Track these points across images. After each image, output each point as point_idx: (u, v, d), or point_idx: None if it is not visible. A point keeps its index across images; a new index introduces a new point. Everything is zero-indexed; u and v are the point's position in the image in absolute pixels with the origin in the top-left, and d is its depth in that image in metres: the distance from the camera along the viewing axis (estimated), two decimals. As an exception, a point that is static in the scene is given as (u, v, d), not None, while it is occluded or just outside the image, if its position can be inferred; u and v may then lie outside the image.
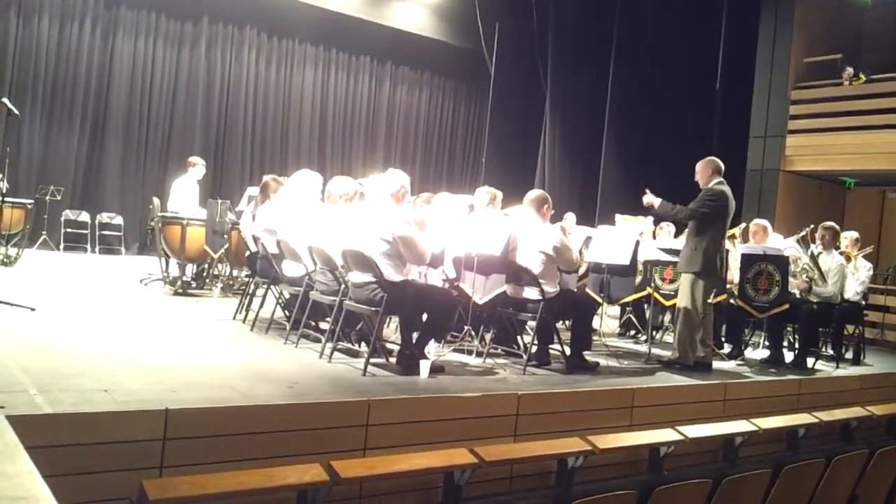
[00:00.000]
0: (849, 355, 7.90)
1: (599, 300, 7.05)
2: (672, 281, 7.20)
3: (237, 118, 13.72)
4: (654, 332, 7.57)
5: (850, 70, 11.35)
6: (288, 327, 5.73)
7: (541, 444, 4.28)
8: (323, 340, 5.22)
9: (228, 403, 3.64)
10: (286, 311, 6.28)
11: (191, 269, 8.51)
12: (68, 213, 11.91)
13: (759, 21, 11.84)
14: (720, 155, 6.46)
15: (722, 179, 6.19)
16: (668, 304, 7.26)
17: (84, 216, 12.10)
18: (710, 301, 6.20)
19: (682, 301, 6.19)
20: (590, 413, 4.82)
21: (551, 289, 5.57)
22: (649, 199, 6.26)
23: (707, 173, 6.21)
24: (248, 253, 6.99)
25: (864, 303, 7.90)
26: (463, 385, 4.71)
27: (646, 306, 7.71)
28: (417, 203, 6.63)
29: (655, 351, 6.83)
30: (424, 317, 5.10)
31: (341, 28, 14.34)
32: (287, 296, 6.33)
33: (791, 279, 6.92)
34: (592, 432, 4.52)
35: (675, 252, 6.71)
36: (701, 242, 6.06)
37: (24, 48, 11.56)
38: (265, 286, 6.49)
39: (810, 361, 7.03)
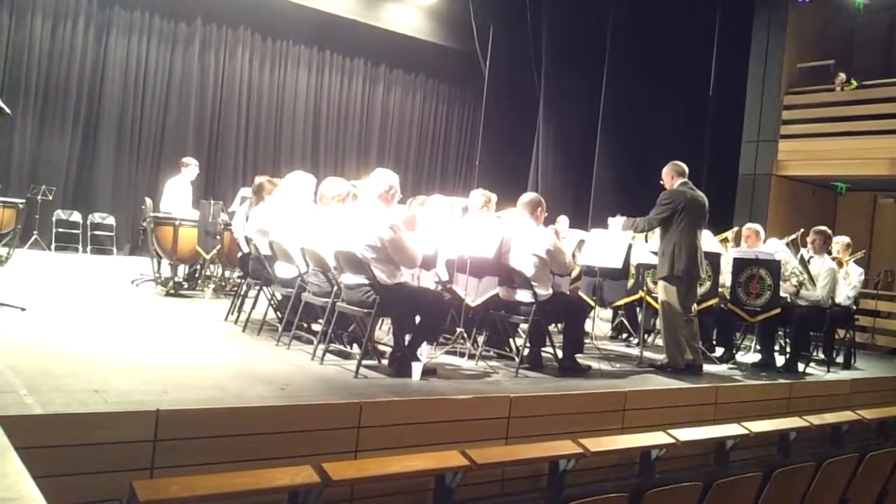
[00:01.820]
0: (840, 359, 7.93)
1: (592, 303, 7.06)
2: (664, 284, 7.21)
3: (230, 119, 13.69)
4: (645, 336, 7.58)
5: (842, 76, 11.41)
6: (280, 329, 5.72)
7: (532, 446, 4.28)
8: (315, 342, 5.21)
9: (220, 405, 3.63)
10: (278, 313, 6.27)
11: (183, 269, 8.47)
12: (60, 213, 11.85)
13: (752, 27, 11.88)
14: (713, 159, 6.49)
15: (685, 181, 6.21)
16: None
17: (76, 216, 12.04)
18: (691, 304, 6.20)
19: (660, 305, 6.23)
20: (581, 416, 4.83)
21: (544, 291, 5.57)
22: (615, 225, 6.33)
23: (670, 177, 6.26)
24: (240, 254, 6.98)
25: (854, 307, 7.93)
26: (455, 387, 4.71)
27: (638, 309, 7.71)
28: (411, 206, 6.63)
29: (647, 354, 6.85)
30: (417, 319, 5.09)
31: (335, 30, 14.33)
32: (279, 297, 6.32)
33: (781, 282, 6.95)
34: (584, 435, 4.52)
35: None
36: (667, 247, 6.09)
37: (16, 47, 11.51)
38: (257, 287, 6.47)
39: (801, 365, 7.06)
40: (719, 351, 7.36)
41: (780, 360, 7.23)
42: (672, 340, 6.16)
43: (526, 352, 5.68)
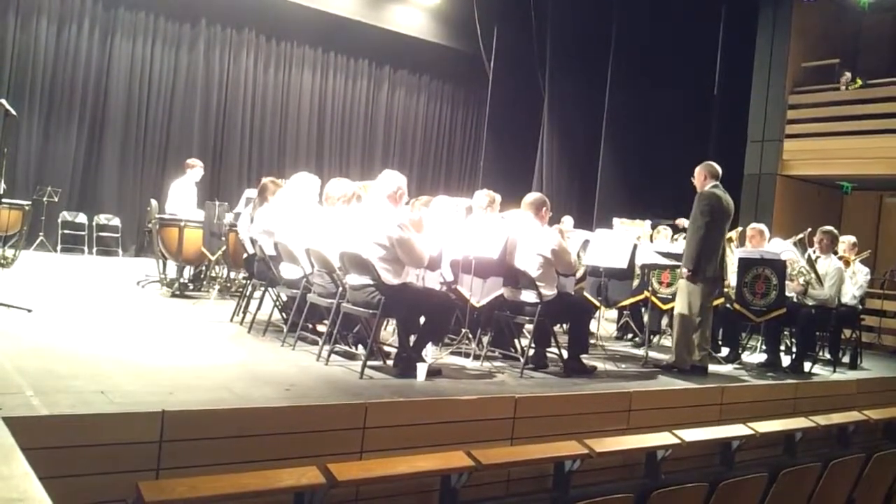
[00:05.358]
0: (846, 359, 7.90)
1: (597, 303, 7.06)
2: (669, 284, 7.21)
3: (235, 120, 13.72)
4: (651, 336, 7.57)
5: (847, 75, 11.39)
6: (285, 330, 5.72)
7: (538, 447, 4.28)
8: (320, 343, 5.22)
9: (225, 405, 3.63)
10: (283, 314, 6.28)
11: (188, 271, 8.49)
12: (66, 215, 11.89)
13: (756, 26, 11.87)
14: (718, 159, 6.47)
15: (717, 183, 6.18)
16: (665, 307, 7.27)
17: (81, 218, 12.08)
18: (711, 306, 6.19)
19: (679, 306, 6.20)
20: (587, 416, 4.82)
21: (549, 292, 5.56)
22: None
23: (702, 178, 6.22)
24: (245, 255, 6.99)
25: (861, 307, 7.91)
26: (460, 388, 4.70)
27: (643, 310, 7.71)
28: (416, 206, 6.63)
29: (653, 354, 6.84)
30: (422, 319, 5.09)
31: (340, 31, 14.34)
32: (284, 298, 6.33)
33: (788, 282, 6.93)
34: (589, 436, 4.52)
35: (673, 256, 6.72)
36: (702, 248, 6.03)
37: (22, 49, 11.55)
38: (262, 288, 6.48)
39: (807, 365, 7.03)
40: (725, 351, 7.34)
41: (786, 361, 7.21)
42: (683, 339, 6.14)
43: (531, 352, 5.68)
